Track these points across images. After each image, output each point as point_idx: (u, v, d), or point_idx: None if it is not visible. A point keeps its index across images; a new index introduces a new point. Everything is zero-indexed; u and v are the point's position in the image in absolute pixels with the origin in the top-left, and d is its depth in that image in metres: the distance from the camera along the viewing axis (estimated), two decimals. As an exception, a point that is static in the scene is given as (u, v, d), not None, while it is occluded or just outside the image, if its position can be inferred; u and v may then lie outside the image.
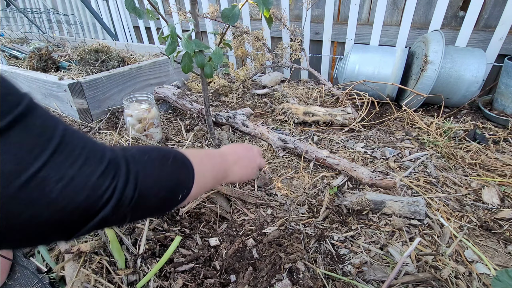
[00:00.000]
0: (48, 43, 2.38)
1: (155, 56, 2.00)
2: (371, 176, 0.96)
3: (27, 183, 0.22)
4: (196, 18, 0.86)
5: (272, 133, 1.25)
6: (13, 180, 0.22)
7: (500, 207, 0.89)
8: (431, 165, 1.09)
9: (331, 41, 1.96)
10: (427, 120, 1.41)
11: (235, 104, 1.74)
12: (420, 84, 1.39)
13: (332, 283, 0.68)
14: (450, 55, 1.41)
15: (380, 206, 0.87)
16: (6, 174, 0.22)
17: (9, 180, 0.22)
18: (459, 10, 1.58)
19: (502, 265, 0.73)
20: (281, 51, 1.97)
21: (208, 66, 0.88)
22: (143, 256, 0.73)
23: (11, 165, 0.22)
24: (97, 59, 1.70)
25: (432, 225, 0.83)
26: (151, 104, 1.20)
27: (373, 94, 1.56)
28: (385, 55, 1.54)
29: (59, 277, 0.72)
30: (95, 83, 1.40)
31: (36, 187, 0.23)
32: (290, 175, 1.09)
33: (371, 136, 1.32)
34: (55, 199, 0.24)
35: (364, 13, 1.81)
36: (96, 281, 0.68)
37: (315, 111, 1.42)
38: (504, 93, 1.36)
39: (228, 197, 0.95)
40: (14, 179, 0.22)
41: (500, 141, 1.23)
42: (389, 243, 0.78)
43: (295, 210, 0.91)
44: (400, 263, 0.64)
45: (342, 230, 0.84)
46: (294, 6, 2.01)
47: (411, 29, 1.68)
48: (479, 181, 1.01)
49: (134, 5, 0.78)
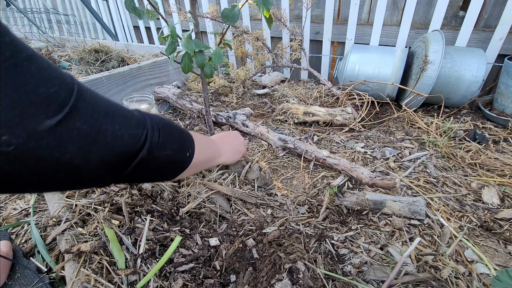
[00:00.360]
0: (48, 43, 2.38)
1: (155, 56, 2.00)
2: (371, 176, 0.96)
3: (97, 134, 0.32)
4: (196, 18, 0.86)
5: (272, 133, 1.25)
6: (88, 134, 0.32)
7: (500, 207, 0.89)
8: (431, 165, 1.09)
9: (331, 41, 1.96)
10: (427, 120, 1.41)
11: (235, 104, 1.74)
12: (420, 84, 1.39)
13: (332, 283, 0.68)
14: (450, 55, 1.41)
15: (380, 206, 0.87)
16: (83, 134, 0.31)
17: (88, 135, 0.32)
18: (459, 10, 1.58)
19: (502, 265, 0.73)
20: (281, 51, 1.97)
21: (208, 66, 0.88)
22: (143, 256, 0.73)
23: (86, 126, 0.31)
24: (97, 59, 1.70)
25: (432, 225, 0.83)
26: (151, 104, 1.20)
27: (373, 94, 1.56)
28: (385, 55, 1.54)
29: (59, 277, 0.72)
30: (95, 83, 1.40)
31: (98, 135, 0.33)
32: (290, 175, 1.09)
33: (371, 136, 1.32)
34: (111, 143, 0.34)
35: (364, 13, 1.82)
36: (96, 281, 0.68)
37: (315, 111, 1.42)
38: (504, 93, 1.36)
39: (228, 197, 0.95)
40: (89, 134, 0.32)
41: (500, 141, 1.23)
42: (389, 243, 0.78)
43: (295, 210, 0.91)
44: (400, 263, 0.64)
45: (342, 230, 0.84)
46: (294, 6, 2.01)
47: (411, 29, 1.68)
48: (479, 181, 1.01)
49: (134, 5, 0.78)
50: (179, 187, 0.95)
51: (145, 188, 0.89)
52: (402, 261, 0.63)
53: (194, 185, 0.95)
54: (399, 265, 0.64)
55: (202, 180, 0.97)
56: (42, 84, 0.28)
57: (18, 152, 0.26)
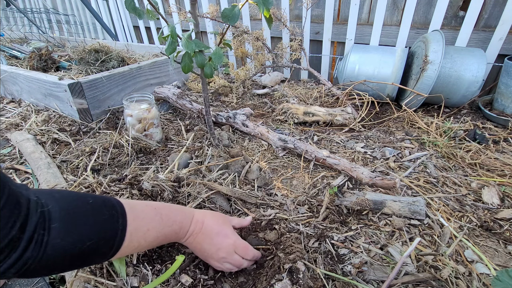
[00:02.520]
0: (48, 43, 2.38)
1: (155, 56, 2.00)
2: (371, 176, 0.96)
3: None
4: (196, 18, 0.86)
5: (272, 133, 1.25)
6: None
7: (500, 207, 0.89)
8: (431, 165, 1.09)
9: (331, 41, 1.96)
10: (427, 120, 1.41)
11: (235, 104, 1.74)
12: (420, 84, 1.39)
13: (332, 283, 0.68)
14: (450, 55, 1.41)
15: (380, 206, 0.87)
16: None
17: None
18: (459, 10, 1.58)
19: (502, 265, 0.73)
20: (281, 51, 1.97)
21: (208, 66, 0.88)
22: (142, 261, 0.73)
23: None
24: (97, 59, 1.70)
25: (432, 225, 0.83)
26: (151, 104, 1.20)
27: (373, 94, 1.56)
28: (385, 55, 1.54)
29: (59, 277, 0.72)
30: (95, 83, 1.40)
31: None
32: (290, 175, 1.09)
33: (371, 136, 1.32)
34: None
35: (364, 13, 1.82)
36: (96, 281, 0.68)
37: (315, 111, 1.42)
38: (504, 93, 1.36)
39: (228, 197, 0.95)
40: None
41: (500, 141, 1.23)
42: (389, 243, 0.78)
43: (295, 210, 0.91)
44: (400, 263, 0.64)
45: (342, 230, 0.84)
46: (294, 6, 2.01)
47: (411, 29, 1.68)
48: (479, 181, 1.01)
49: (134, 5, 0.78)
50: (179, 187, 0.95)
51: (145, 188, 0.89)
52: (402, 261, 0.63)
53: (194, 185, 0.95)
54: (399, 265, 0.64)
55: (202, 180, 0.97)
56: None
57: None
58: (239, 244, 0.64)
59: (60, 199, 0.40)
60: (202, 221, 0.61)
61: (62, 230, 0.37)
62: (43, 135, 1.30)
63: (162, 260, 0.74)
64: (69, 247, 0.38)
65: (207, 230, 0.60)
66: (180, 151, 1.13)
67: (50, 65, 1.82)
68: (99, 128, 1.38)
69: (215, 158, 1.07)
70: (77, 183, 0.92)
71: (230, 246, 0.62)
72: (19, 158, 1.17)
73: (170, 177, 0.96)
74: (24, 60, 1.96)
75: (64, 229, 0.37)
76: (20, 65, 1.88)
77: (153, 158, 1.17)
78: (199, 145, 1.18)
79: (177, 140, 1.31)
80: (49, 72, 1.77)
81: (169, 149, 1.24)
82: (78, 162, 1.12)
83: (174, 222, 0.56)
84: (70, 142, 1.26)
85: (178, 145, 1.26)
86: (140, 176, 0.97)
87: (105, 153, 1.15)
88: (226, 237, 0.63)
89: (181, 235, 0.58)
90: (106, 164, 1.11)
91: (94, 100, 1.42)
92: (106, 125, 1.41)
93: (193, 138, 1.26)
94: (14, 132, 1.28)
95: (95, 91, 1.42)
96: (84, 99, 1.38)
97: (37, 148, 1.15)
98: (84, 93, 1.37)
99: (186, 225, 0.58)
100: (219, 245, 0.61)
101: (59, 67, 1.86)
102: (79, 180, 0.97)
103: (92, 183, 0.91)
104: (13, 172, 1.09)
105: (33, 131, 1.32)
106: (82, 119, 1.41)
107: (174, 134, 1.37)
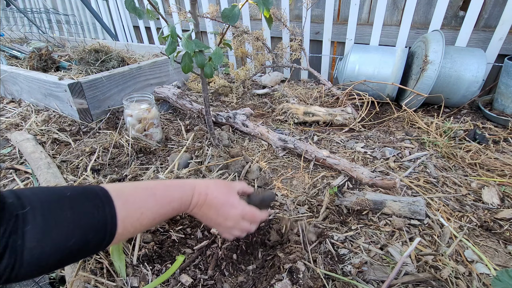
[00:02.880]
0: (48, 43, 2.38)
1: (155, 56, 2.00)
2: (371, 176, 0.96)
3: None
4: (196, 18, 0.86)
5: (272, 133, 1.25)
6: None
7: (500, 207, 0.89)
8: (431, 165, 1.09)
9: (331, 41, 1.96)
10: (427, 120, 1.41)
11: (235, 104, 1.74)
12: (420, 84, 1.39)
13: (332, 283, 0.68)
14: (450, 55, 1.41)
15: (380, 206, 0.87)
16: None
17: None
18: (459, 10, 1.58)
19: (502, 265, 0.73)
20: (281, 51, 1.97)
21: (208, 66, 0.88)
22: (142, 260, 0.73)
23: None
24: (97, 59, 1.70)
25: (432, 225, 0.83)
26: (151, 104, 1.20)
27: (373, 94, 1.56)
28: (385, 55, 1.54)
29: (59, 277, 0.72)
30: (95, 83, 1.40)
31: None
32: (290, 175, 1.09)
33: (371, 136, 1.32)
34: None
35: (364, 13, 1.81)
36: (96, 281, 0.68)
37: (315, 111, 1.42)
38: (504, 93, 1.36)
39: (228, 197, 0.95)
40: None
41: (500, 141, 1.23)
42: (389, 243, 0.78)
43: (295, 210, 0.91)
44: (400, 263, 0.64)
45: (342, 230, 0.84)
46: (294, 6, 2.01)
47: (411, 29, 1.68)
48: (479, 181, 1.01)
49: (134, 5, 0.78)
50: (179, 187, 0.95)
51: (145, 188, 0.89)
52: (402, 261, 0.63)
53: (194, 185, 0.95)
54: (399, 265, 0.64)
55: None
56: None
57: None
58: (247, 212, 0.63)
59: (35, 198, 0.37)
60: (206, 192, 0.59)
61: (38, 232, 0.35)
62: (43, 135, 1.30)
63: (162, 260, 0.74)
64: (50, 248, 0.35)
65: (212, 202, 0.59)
66: (180, 151, 1.13)
67: (50, 65, 1.82)
68: (99, 128, 1.38)
69: (215, 158, 1.07)
70: (77, 183, 0.92)
71: (237, 215, 0.61)
72: (19, 158, 1.17)
73: (170, 177, 0.96)
74: (24, 60, 1.96)
75: (39, 231, 0.35)
76: (20, 65, 1.88)
77: (153, 158, 1.17)
78: (199, 145, 1.18)
79: (177, 140, 1.31)
80: (49, 72, 1.77)
81: (169, 149, 1.24)
82: (78, 162, 1.12)
83: (172, 200, 0.54)
84: (70, 142, 1.26)
85: (178, 145, 1.26)
86: (140, 176, 0.97)
87: (105, 153, 1.15)
88: (233, 207, 0.61)
89: (183, 209, 0.57)
90: (106, 164, 1.11)
91: (94, 100, 1.42)
92: (106, 125, 1.41)
93: (193, 138, 1.26)
94: (14, 132, 1.28)
95: (95, 91, 1.42)
96: (84, 99, 1.38)
97: (37, 148, 1.15)
98: (84, 93, 1.37)
99: (186, 201, 0.57)
100: (226, 215, 0.60)
101: (59, 67, 1.86)
102: (79, 180, 0.97)
103: (92, 183, 0.91)
104: (13, 172, 1.09)
105: (33, 131, 1.32)
106: (82, 119, 1.41)
107: (174, 134, 1.37)
